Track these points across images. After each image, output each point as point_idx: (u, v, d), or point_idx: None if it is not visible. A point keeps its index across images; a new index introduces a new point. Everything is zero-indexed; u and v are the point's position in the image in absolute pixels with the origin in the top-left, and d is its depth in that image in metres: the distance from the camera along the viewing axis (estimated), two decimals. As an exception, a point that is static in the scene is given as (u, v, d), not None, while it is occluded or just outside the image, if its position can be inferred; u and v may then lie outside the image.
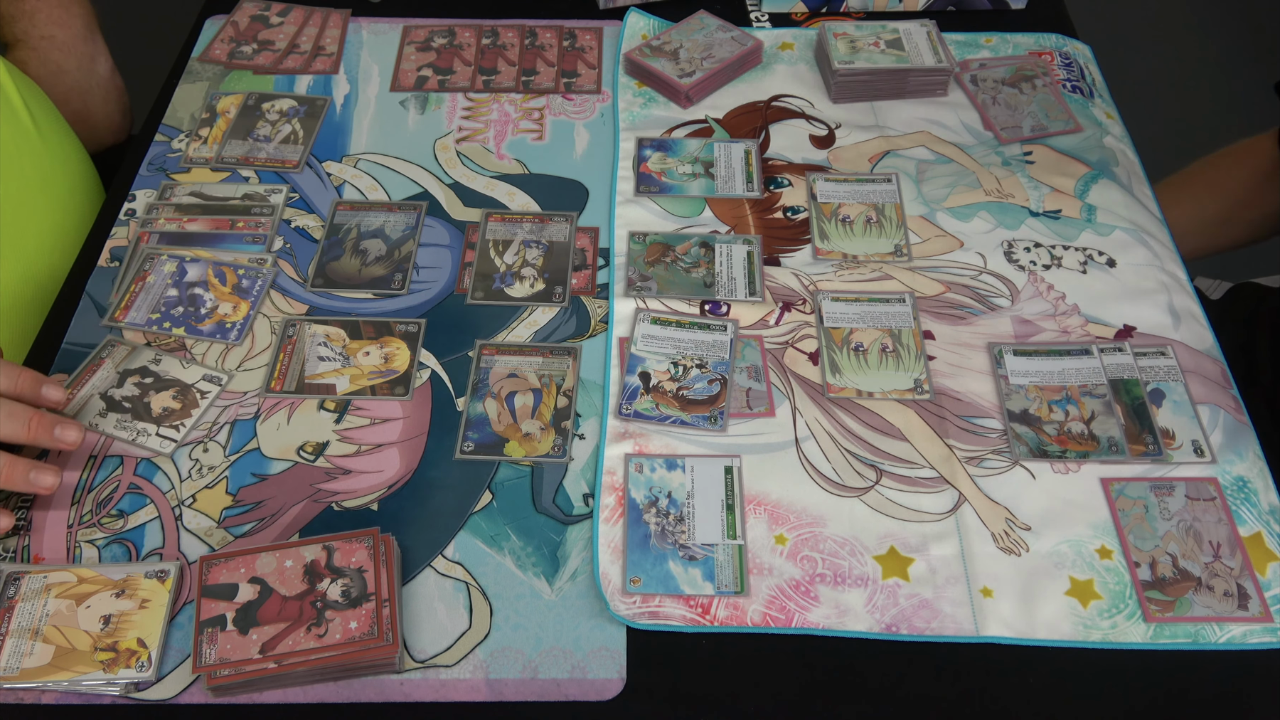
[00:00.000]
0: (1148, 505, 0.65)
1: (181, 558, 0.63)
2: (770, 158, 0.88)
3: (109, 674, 0.57)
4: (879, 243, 0.80)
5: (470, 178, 0.86)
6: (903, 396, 0.71)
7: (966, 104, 0.92)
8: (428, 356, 0.74)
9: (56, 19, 0.95)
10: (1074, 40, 0.99)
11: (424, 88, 0.94)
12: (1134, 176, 0.86)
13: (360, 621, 0.57)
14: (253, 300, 0.76)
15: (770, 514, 0.65)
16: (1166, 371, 0.72)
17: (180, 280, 0.77)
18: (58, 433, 0.63)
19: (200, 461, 0.68)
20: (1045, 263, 0.79)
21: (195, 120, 0.90)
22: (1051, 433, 0.68)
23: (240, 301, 0.76)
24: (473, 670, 0.59)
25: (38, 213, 0.83)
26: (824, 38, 0.93)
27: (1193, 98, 2.05)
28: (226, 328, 0.74)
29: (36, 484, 0.62)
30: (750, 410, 0.70)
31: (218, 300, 0.76)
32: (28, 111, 0.84)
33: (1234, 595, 0.61)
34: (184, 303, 0.75)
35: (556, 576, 0.63)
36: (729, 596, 0.61)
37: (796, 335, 0.74)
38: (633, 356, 0.72)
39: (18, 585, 0.60)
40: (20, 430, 0.62)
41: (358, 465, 0.68)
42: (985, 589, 0.62)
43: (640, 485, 0.66)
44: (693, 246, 0.80)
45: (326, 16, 1.00)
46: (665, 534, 0.64)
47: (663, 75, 0.92)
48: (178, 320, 0.74)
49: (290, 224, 0.82)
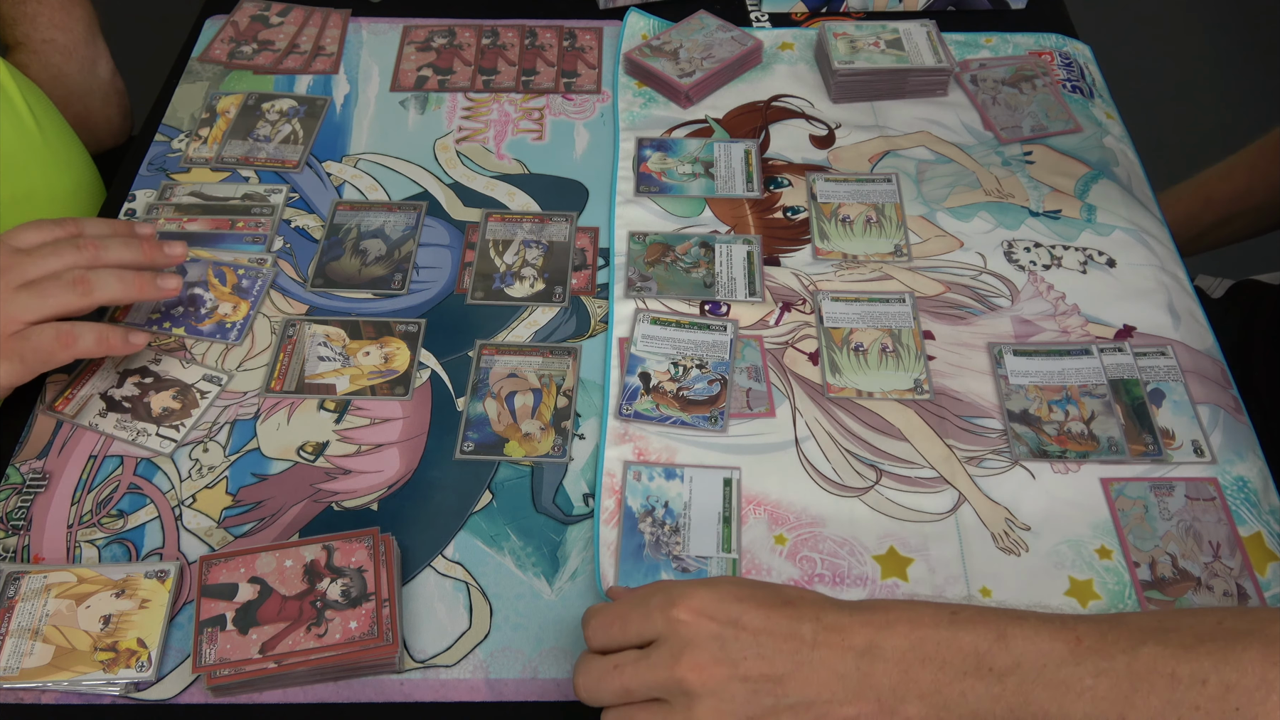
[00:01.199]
0: (1147, 505, 0.65)
1: (181, 558, 0.63)
2: (770, 158, 0.88)
3: (109, 674, 0.57)
4: (879, 243, 0.80)
5: (470, 178, 0.86)
6: (903, 396, 0.71)
7: (966, 104, 0.92)
8: (428, 356, 0.74)
9: (58, 22, 0.95)
10: (1074, 40, 0.99)
11: (424, 88, 0.94)
12: (1134, 176, 0.86)
13: (360, 621, 0.57)
14: (253, 300, 0.76)
15: (770, 514, 0.65)
16: (1166, 371, 0.72)
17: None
18: (167, 250, 0.71)
19: (200, 461, 0.68)
20: (1045, 263, 0.79)
21: (195, 120, 0.90)
22: (1051, 433, 0.68)
23: (240, 301, 0.76)
24: (473, 670, 0.59)
25: (42, 215, 0.83)
26: (824, 38, 0.93)
27: (1193, 98, 2.05)
28: (226, 328, 0.74)
29: (164, 289, 0.68)
30: (750, 410, 0.70)
31: (218, 300, 0.76)
32: (31, 115, 0.84)
33: (1234, 595, 0.61)
34: (184, 302, 0.75)
35: (556, 576, 0.63)
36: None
37: (796, 335, 0.74)
38: (632, 357, 0.72)
39: (18, 585, 0.60)
40: (137, 253, 0.69)
41: (358, 465, 0.68)
42: (984, 589, 0.62)
43: (637, 493, 0.66)
44: (693, 246, 0.80)
45: (326, 16, 1.00)
46: (659, 544, 0.63)
47: (663, 75, 0.92)
48: (178, 320, 0.75)
49: (290, 224, 0.82)
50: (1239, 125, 1.94)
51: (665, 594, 0.50)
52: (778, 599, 0.50)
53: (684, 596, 0.50)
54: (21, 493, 0.66)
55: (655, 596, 0.51)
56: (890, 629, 0.48)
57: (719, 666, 0.47)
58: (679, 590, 0.50)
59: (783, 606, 0.49)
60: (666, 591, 0.50)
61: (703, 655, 0.48)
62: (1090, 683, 0.45)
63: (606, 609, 0.52)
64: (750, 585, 0.51)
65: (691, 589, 0.50)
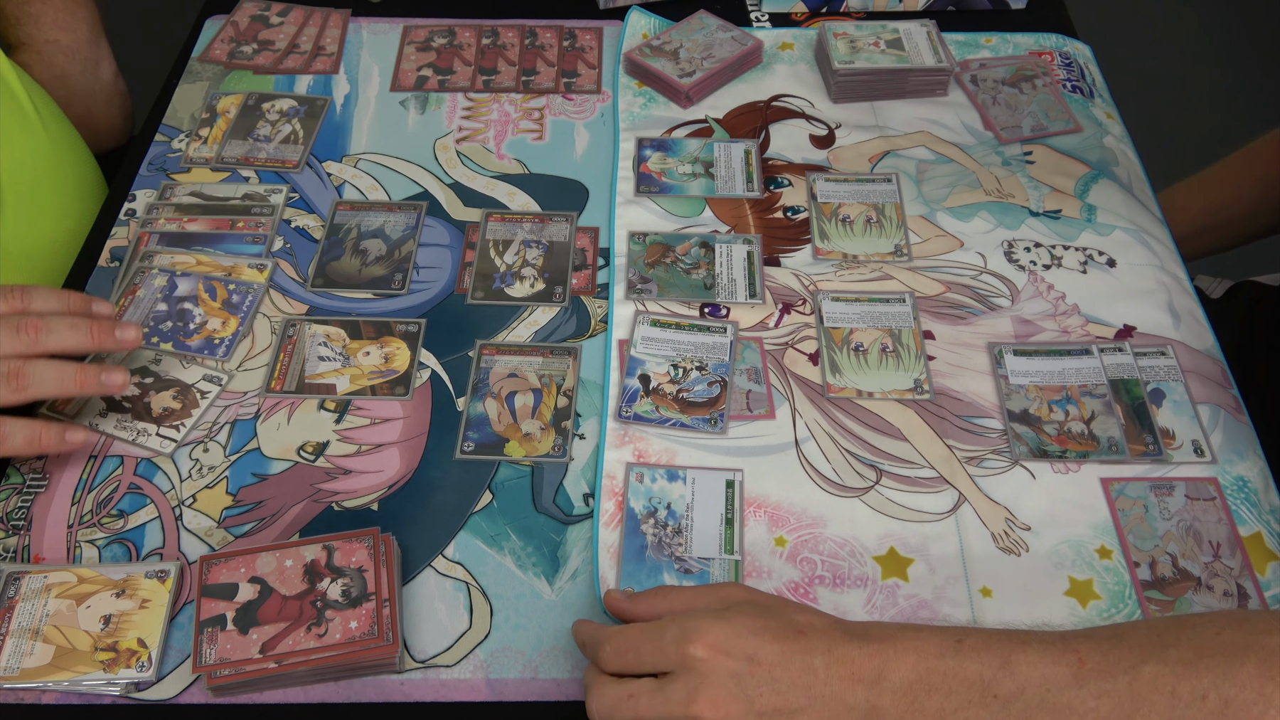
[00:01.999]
0: (1148, 505, 0.65)
1: (182, 558, 0.63)
2: (770, 158, 0.88)
3: (109, 674, 0.57)
4: (879, 243, 0.80)
5: (470, 178, 0.86)
6: (903, 396, 0.71)
7: (966, 104, 0.92)
8: (428, 356, 0.74)
9: (62, 23, 0.95)
10: (1074, 40, 0.99)
11: (424, 88, 0.94)
12: (1134, 176, 0.86)
13: (360, 621, 0.57)
14: (243, 316, 0.75)
15: (770, 516, 0.65)
16: (1166, 371, 0.72)
17: (170, 294, 0.76)
18: (119, 334, 0.66)
19: (200, 461, 0.68)
20: (1045, 263, 0.79)
21: (195, 120, 0.90)
22: (1051, 433, 0.68)
23: (230, 317, 0.75)
24: (473, 670, 0.59)
25: (47, 215, 0.83)
26: (824, 38, 0.93)
27: (1193, 98, 2.05)
28: (215, 344, 0.73)
29: (108, 385, 0.64)
30: (750, 412, 0.70)
31: (207, 315, 0.75)
32: (36, 114, 0.84)
33: (1234, 595, 0.61)
34: (172, 317, 0.75)
35: (557, 576, 0.63)
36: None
37: (796, 336, 0.74)
38: (632, 359, 0.72)
39: (18, 585, 0.60)
40: (85, 338, 0.64)
41: (358, 465, 0.68)
42: (985, 589, 0.62)
43: (640, 495, 0.66)
44: (693, 247, 0.80)
45: (326, 16, 1.00)
46: (662, 545, 0.63)
47: (663, 75, 0.92)
48: (165, 335, 0.74)
49: (290, 224, 0.82)
50: (1239, 125, 1.94)
51: (680, 628, 0.50)
52: (790, 629, 0.50)
53: (699, 632, 0.49)
54: (21, 493, 0.66)
55: (669, 630, 0.50)
56: (898, 660, 0.48)
57: (735, 703, 0.48)
58: (693, 625, 0.50)
59: (795, 638, 0.50)
60: (681, 625, 0.50)
61: (719, 692, 0.48)
62: (1093, 704, 0.46)
63: (619, 637, 0.52)
64: (762, 614, 0.51)
65: (706, 624, 0.50)
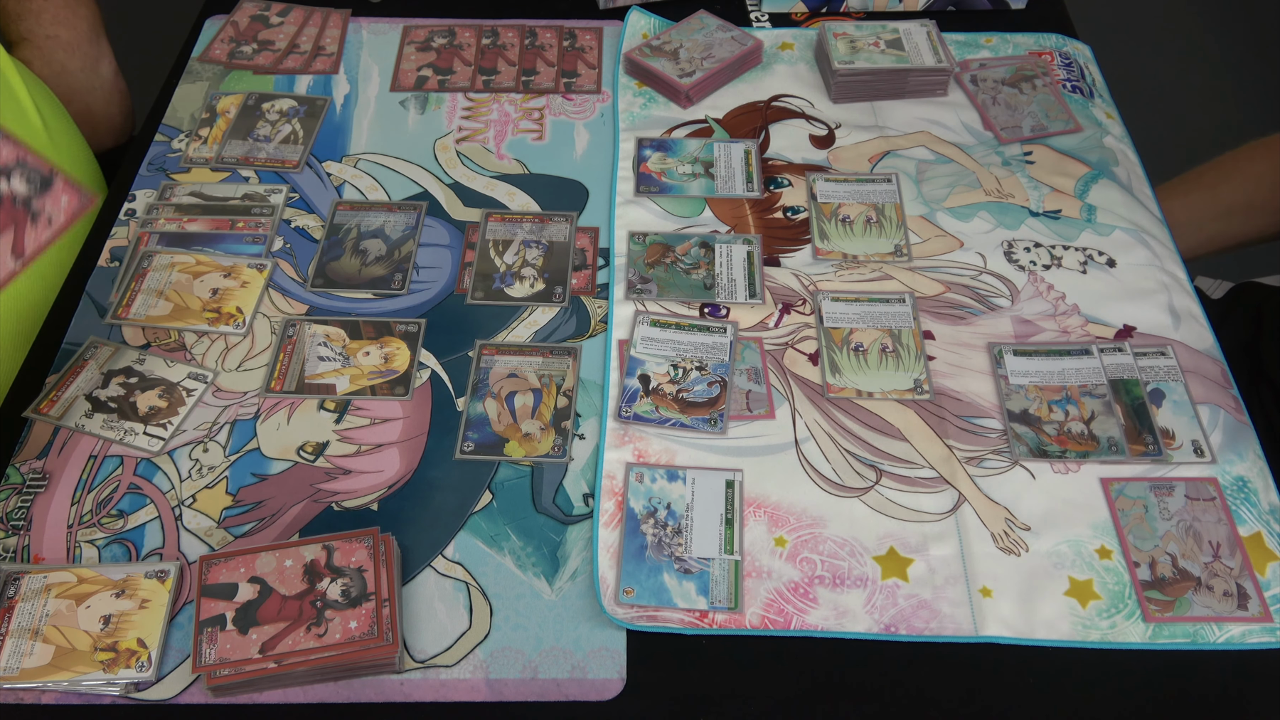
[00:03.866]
0: (1147, 505, 0.65)
1: (181, 558, 0.63)
2: (770, 158, 0.88)
3: (109, 674, 0.57)
4: (879, 243, 0.80)
5: (470, 178, 0.86)
6: (902, 396, 0.71)
7: (966, 104, 0.92)
8: (428, 356, 0.74)
9: (62, 19, 0.95)
10: (1074, 40, 0.99)
11: (424, 88, 0.94)
12: (1134, 176, 0.86)
13: (360, 621, 0.57)
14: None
15: (770, 516, 0.65)
16: (1166, 371, 0.72)
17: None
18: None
19: (200, 461, 0.68)
20: (1045, 263, 0.79)
21: (195, 120, 0.90)
22: (1051, 433, 0.68)
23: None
24: (473, 670, 0.59)
25: None
26: (824, 38, 0.93)
27: (1193, 98, 2.05)
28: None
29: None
30: (750, 412, 0.70)
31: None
32: (36, 110, 0.84)
33: (1233, 595, 0.61)
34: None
35: (556, 576, 0.63)
36: (723, 612, 0.61)
37: (796, 336, 0.74)
38: (632, 359, 0.72)
39: (18, 585, 0.60)
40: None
41: (358, 465, 0.68)
42: (984, 589, 0.62)
43: (640, 495, 0.66)
44: (693, 247, 0.80)
45: (326, 16, 1.00)
46: (662, 545, 0.63)
47: (663, 75, 0.92)
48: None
49: (290, 224, 0.82)
50: (1239, 125, 1.94)
51: None
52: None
53: None
54: (21, 493, 0.66)
55: None
56: None
57: None
58: None
59: None
60: None
61: None
62: None
63: None
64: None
65: None
